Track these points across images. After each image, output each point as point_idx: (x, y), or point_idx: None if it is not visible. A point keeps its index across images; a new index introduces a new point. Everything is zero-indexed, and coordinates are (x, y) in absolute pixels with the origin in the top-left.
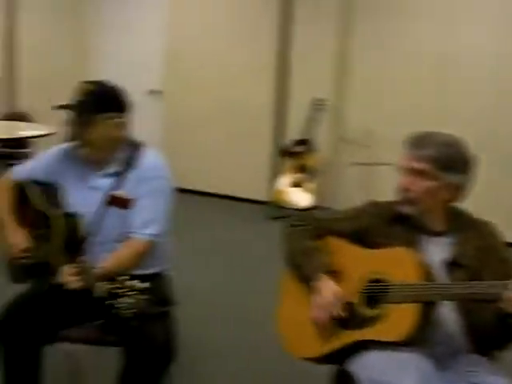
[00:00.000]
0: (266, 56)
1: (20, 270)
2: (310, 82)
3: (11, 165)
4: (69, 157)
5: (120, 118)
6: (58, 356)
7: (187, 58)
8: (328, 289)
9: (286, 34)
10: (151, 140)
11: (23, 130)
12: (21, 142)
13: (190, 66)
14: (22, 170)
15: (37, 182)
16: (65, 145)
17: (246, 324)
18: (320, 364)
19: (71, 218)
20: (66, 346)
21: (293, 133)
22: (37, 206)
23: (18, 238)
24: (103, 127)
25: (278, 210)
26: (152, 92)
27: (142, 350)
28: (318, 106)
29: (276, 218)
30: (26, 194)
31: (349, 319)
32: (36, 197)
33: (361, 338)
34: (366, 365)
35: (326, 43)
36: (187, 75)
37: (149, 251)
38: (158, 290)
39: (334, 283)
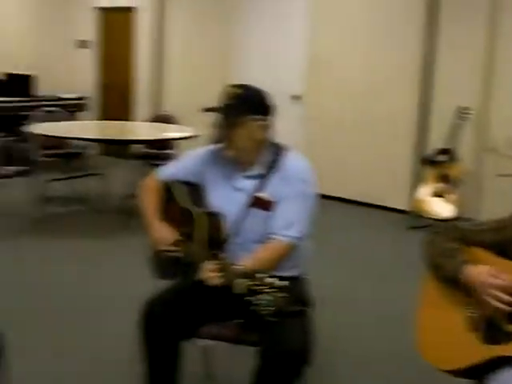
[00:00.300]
0: (410, 63)
1: (165, 264)
2: (453, 89)
3: (156, 165)
4: (214, 158)
5: (264, 120)
6: (195, 352)
7: (329, 64)
8: (482, 271)
9: (431, 39)
10: (292, 144)
11: (168, 132)
12: (166, 144)
13: (332, 72)
14: (168, 170)
15: (182, 182)
16: (211, 146)
17: (381, 329)
18: (457, 377)
19: (215, 217)
20: (204, 342)
21: (435, 141)
22: (182, 204)
23: (165, 233)
24: (248, 129)
25: (418, 219)
26: (294, 97)
27: (277, 351)
28: (462, 114)
29: (416, 228)
30: (171, 193)
31: (491, 333)
32: (181, 196)
33: (502, 354)
34: (505, 382)
35: (471, 49)
36: (328, 81)
37: (289, 253)
38: (295, 290)
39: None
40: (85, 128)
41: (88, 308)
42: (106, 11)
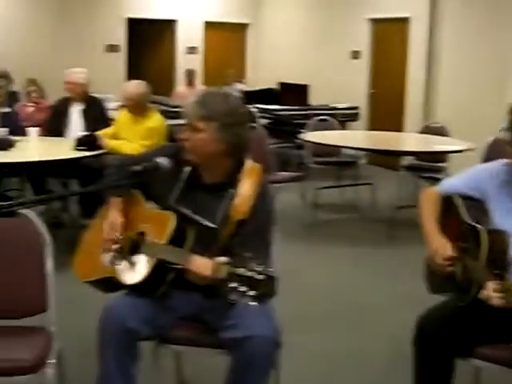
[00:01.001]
0: None
1: (440, 278)
2: None
3: (425, 178)
4: (504, 175)
5: None
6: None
7: None
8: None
9: None
10: None
11: (438, 144)
12: (436, 156)
13: None
14: (450, 183)
15: (463, 196)
16: (496, 163)
17: None
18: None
19: (499, 235)
20: (477, 363)
21: None
22: (463, 219)
23: (443, 247)
24: None
25: None
26: None
27: None
28: None
29: None
30: (451, 206)
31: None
32: (463, 210)
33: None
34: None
35: None
36: None
37: None
38: None
39: None
40: (355, 137)
41: (362, 311)
42: (380, 22)
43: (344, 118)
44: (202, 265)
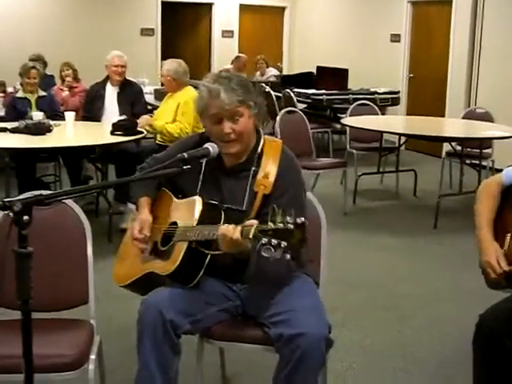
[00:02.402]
0: None
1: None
2: None
3: (469, 164)
4: None
5: None
6: None
7: None
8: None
9: None
10: None
11: (481, 130)
12: (479, 142)
13: None
14: None
15: None
16: None
17: None
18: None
19: None
20: None
21: None
22: None
23: (495, 259)
24: None
25: None
26: None
27: None
28: None
29: None
30: None
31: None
32: None
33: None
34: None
35: None
36: None
37: None
38: None
39: None
40: (395, 122)
41: (403, 304)
42: (421, 4)
43: (384, 103)
44: (230, 229)
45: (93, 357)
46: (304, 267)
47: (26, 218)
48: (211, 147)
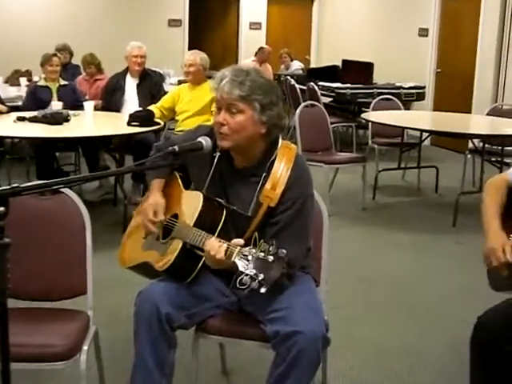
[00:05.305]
0: None
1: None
2: None
3: (493, 162)
4: None
5: None
6: None
7: None
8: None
9: None
10: None
11: (508, 127)
12: (504, 140)
13: None
14: None
15: None
16: None
17: None
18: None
19: None
20: None
21: None
22: None
23: (500, 246)
24: None
25: None
26: None
27: None
28: None
29: None
30: None
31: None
32: None
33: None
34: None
35: None
36: None
37: None
38: None
39: None
40: (419, 118)
41: (422, 302)
42: None
43: (409, 98)
44: (215, 247)
45: (85, 347)
46: (306, 268)
47: (1, 209)
48: (204, 141)
